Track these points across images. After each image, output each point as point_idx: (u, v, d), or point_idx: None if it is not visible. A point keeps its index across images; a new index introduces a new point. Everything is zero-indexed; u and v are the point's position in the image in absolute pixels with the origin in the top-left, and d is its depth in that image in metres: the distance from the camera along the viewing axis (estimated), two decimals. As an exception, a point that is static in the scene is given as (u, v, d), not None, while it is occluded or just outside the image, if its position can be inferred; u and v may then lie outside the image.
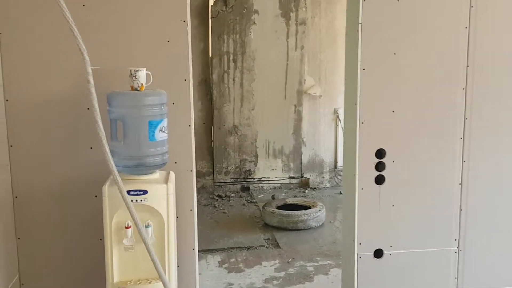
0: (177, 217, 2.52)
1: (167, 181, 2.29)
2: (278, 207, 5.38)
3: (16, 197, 2.52)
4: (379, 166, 2.85)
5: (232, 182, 6.58)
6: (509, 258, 3.05)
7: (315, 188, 6.72)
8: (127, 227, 2.19)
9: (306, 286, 3.93)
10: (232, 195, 6.41)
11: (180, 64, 2.56)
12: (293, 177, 6.73)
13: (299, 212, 5.16)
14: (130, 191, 2.18)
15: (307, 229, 5.10)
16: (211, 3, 6.24)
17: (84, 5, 2.45)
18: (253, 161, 6.59)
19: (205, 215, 5.61)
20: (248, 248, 4.66)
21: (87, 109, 2.31)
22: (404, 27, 2.76)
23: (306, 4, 6.38)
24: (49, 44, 2.45)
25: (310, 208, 5.33)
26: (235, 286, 3.93)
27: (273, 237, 4.93)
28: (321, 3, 6.45)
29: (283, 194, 6.42)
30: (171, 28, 2.53)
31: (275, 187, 6.66)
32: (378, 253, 2.91)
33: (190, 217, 2.68)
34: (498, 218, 3.02)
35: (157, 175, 2.36)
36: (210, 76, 6.36)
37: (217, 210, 5.84)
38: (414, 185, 2.90)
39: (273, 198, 6.03)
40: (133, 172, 2.30)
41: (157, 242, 2.26)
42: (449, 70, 2.84)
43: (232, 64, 6.34)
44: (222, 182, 6.56)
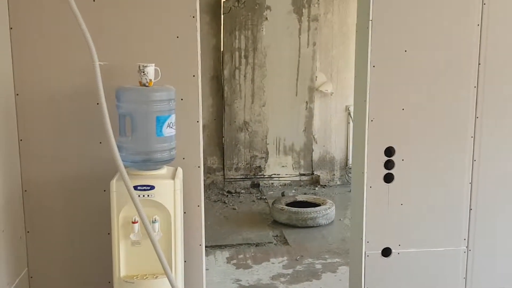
0: (184, 213, 2.53)
1: (174, 177, 2.30)
2: (287, 204, 5.37)
3: (25, 190, 2.55)
4: (388, 164, 2.83)
5: (242, 178, 6.58)
6: (519, 258, 3.02)
7: (325, 185, 6.70)
8: (134, 222, 2.21)
9: (314, 283, 3.92)
10: (242, 191, 6.41)
11: (189, 60, 2.56)
12: (304, 174, 6.71)
13: (308, 209, 5.14)
14: (137, 186, 2.19)
15: (316, 226, 5.09)
16: (223, -1, 6.24)
17: (94, 1, 2.46)
18: (263, 157, 6.58)
19: (215, 211, 5.62)
20: (256, 245, 4.66)
21: (96, 104, 2.32)
22: (415, 24, 2.73)
23: (318, 0, 6.34)
24: (59, 39, 2.47)
25: (320, 205, 5.31)
26: (243, 282, 3.94)
27: (282, 234, 4.92)
28: (334, 0, 6.41)
29: (293, 191, 6.41)
30: (180, 24, 2.53)
31: (285, 184, 6.65)
32: (386, 252, 2.89)
33: (198, 213, 2.68)
34: (508, 218, 2.98)
35: (165, 170, 2.37)
36: (222, 72, 6.36)
37: (226, 206, 5.85)
38: (424, 184, 2.87)
39: (283, 195, 6.02)
40: (141, 168, 2.31)
41: (164, 238, 2.27)
42: (460, 67, 2.80)
43: (243, 60, 6.34)
44: (232, 178, 6.56)
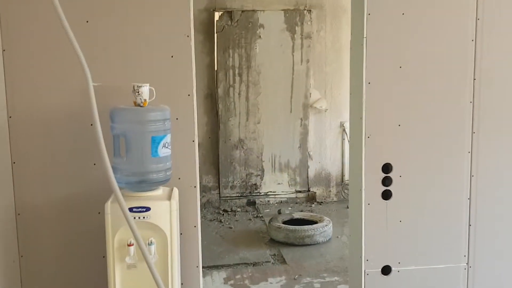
0: (180, 234, 2.49)
1: (170, 198, 2.26)
2: (284, 222, 5.32)
3: (18, 214, 2.50)
4: (386, 181, 2.81)
5: (238, 196, 6.54)
6: (520, 274, 2.99)
7: (322, 202, 6.66)
8: (129, 245, 2.16)
9: (313, 303, 3.87)
10: (238, 209, 6.36)
11: (184, 79, 2.55)
12: (300, 191, 6.68)
13: (305, 227, 5.10)
14: (132, 208, 2.15)
15: (314, 244, 5.04)
16: (216, 18, 6.26)
17: (87, 22, 2.45)
18: (259, 175, 6.55)
19: (211, 230, 5.57)
20: (254, 264, 4.61)
21: (90, 125, 2.30)
22: (410, 40, 2.74)
23: (311, 18, 6.38)
24: (52, 61, 2.44)
25: (317, 223, 5.27)
26: (240, 303, 3.88)
27: (279, 253, 4.87)
28: (327, 17, 6.46)
29: (290, 208, 6.36)
30: (174, 43, 2.52)
31: (281, 201, 6.61)
32: (386, 270, 2.85)
33: (194, 234, 2.64)
34: (508, 233, 2.95)
35: (160, 191, 2.33)
36: (216, 90, 6.36)
37: (222, 225, 5.79)
38: (422, 200, 2.85)
39: (279, 212, 5.97)
40: (136, 189, 2.27)
41: (160, 260, 2.23)
42: (456, 83, 2.80)
43: (237, 78, 6.34)
44: (228, 197, 6.52)
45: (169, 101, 2.44)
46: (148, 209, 2.18)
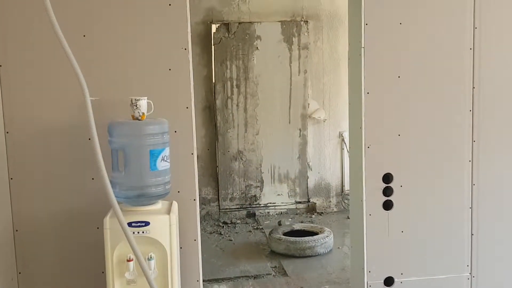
0: (180, 248, 2.46)
1: (169, 212, 2.24)
2: (284, 234, 5.28)
3: (16, 230, 2.48)
4: (387, 191, 2.79)
5: (237, 208, 6.50)
6: (524, 283, 2.96)
7: (322, 213, 6.62)
8: (129, 260, 2.14)
9: (315, 315, 3.83)
10: (238, 221, 6.32)
11: (182, 92, 2.54)
12: (300, 202, 6.65)
13: (306, 238, 5.06)
14: (131, 222, 2.13)
15: (315, 256, 5.00)
16: (213, 30, 6.27)
17: (84, 36, 2.44)
18: (258, 186, 6.52)
19: (211, 243, 5.52)
20: (254, 277, 4.56)
21: (88, 139, 2.27)
22: (408, 50, 2.73)
23: (308, 29, 6.40)
24: (49, 75, 2.44)
25: (318, 234, 5.23)
26: (242, 316, 3.83)
27: (280, 265, 4.83)
28: (323, 28, 6.47)
29: (290, 219, 6.33)
30: (172, 56, 2.51)
31: (281, 213, 6.58)
32: (389, 281, 2.83)
33: (194, 248, 2.62)
34: (511, 241, 2.93)
35: (160, 205, 2.31)
36: (214, 102, 6.35)
37: (222, 237, 5.75)
38: (423, 210, 2.83)
39: (280, 224, 5.94)
40: (135, 203, 2.25)
41: (160, 275, 2.20)
42: (454, 92, 2.80)
43: (235, 90, 6.34)
44: (227, 209, 6.48)
45: (167, 114, 2.43)
46: (147, 223, 2.16)
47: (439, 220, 2.85)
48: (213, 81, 6.35)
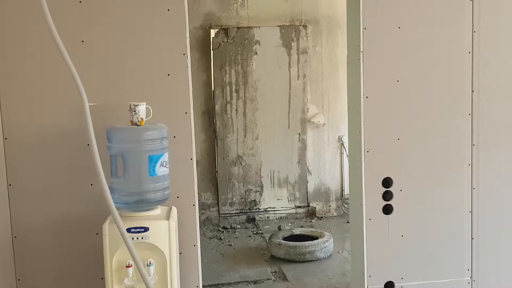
0: (180, 254, 2.45)
1: (168, 217, 2.23)
2: (284, 238, 5.26)
3: (15, 237, 2.47)
4: (387, 195, 2.78)
5: (237, 213, 6.49)
6: (525, 287, 2.95)
7: (322, 217, 6.61)
8: (128, 266, 2.13)
9: (316, 320, 3.81)
10: (238, 226, 6.31)
11: (181, 97, 2.54)
12: (299, 207, 6.63)
13: (306, 243, 5.04)
14: (130, 228, 2.12)
15: (315, 260, 4.98)
16: (212, 35, 6.28)
17: (83, 41, 2.44)
18: (258, 191, 6.51)
19: (211, 248, 5.51)
20: (255, 282, 4.55)
21: (87, 145, 2.27)
22: (406, 54, 2.74)
23: (307, 33, 6.40)
24: (47, 81, 2.43)
25: (318, 238, 5.22)
26: (242, 322, 3.81)
27: (280, 270, 4.81)
28: (322, 32, 6.48)
29: (290, 224, 6.31)
30: (171, 61, 2.51)
31: (281, 217, 6.56)
32: (389, 286, 2.81)
33: (194, 253, 2.61)
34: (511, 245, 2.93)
35: (159, 211, 2.30)
36: (213, 107, 6.35)
37: (222, 242, 5.73)
38: (423, 214, 2.82)
39: (279, 229, 5.92)
40: (134, 209, 2.24)
41: (160, 281, 2.19)
42: (454, 95, 2.80)
43: (234, 95, 6.34)
44: (227, 214, 6.47)
45: (166, 120, 2.42)
46: (146, 229, 2.15)
47: (439, 224, 2.84)
48: (212, 86, 6.35)
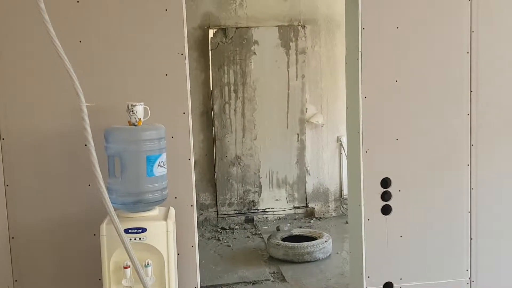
0: (178, 254, 2.44)
1: (166, 218, 2.22)
2: (283, 239, 5.26)
3: (12, 238, 2.46)
4: (385, 196, 2.78)
5: (236, 213, 6.48)
6: (524, 288, 2.95)
7: (320, 217, 6.60)
8: (125, 267, 2.12)
9: (314, 321, 3.80)
10: (236, 227, 6.30)
11: (179, 98, 2.53)
12: (298, 207, 6.63)
13: (305, 243, 5.03)
14: (128, 229, 2.11)
15: (313, 261, 4.97)
16: (210, 35, 6.27)
17: (80, 41, 2.43)
18: (256, 191, 6.50)
19: (209, 249, 5.50)
20: (253, 283, 4.54)
21: (84, 145, 2.26)
22: (405, 54, 2.73)
23: (305, 33, 6.40)
24: (44, 81, 2.42)
25: (316, 239, 5.21)
26: (240, 323, 3.81)
27: (279, 271, 4.80)
28: (321, 32, 6.47)
29: (288, 225, 6.30)
30: (168, 61, 2.50)
31: (279, 218, 6.55)
32: (388, 287, 2.81)
33: (192, 254, 2.60)
34: (510, 246, 2.92)
35: (157, 211, 2.29)
36: (211, 107, 6.34)
37: (221, 243, 5.72)
38: (422, 215, 2.82)
39: (278, 229, 5.91)
40: (132, 209, 2.23)
41: (158, 282, 2.18)
42: (452, 95, 2.79)
43: (233, 95, 6.33)
44: (225, 214, 6.46)
45: (164, 120, 2.41)
46: (144, 230, 2.14)
47: (438, 224, 2.83)
48: (211, 86, 6.34)
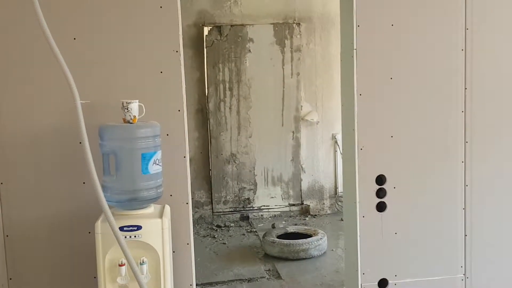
0: (173, 252, 2.44)
1: (162, 215, 2.22)
2: (278, 236, 5.27)
3: (7, 236, 2.45)
4: (380, 193, 2.78)
5: (231, 211, 6.48)
6: (517, 284, 2.96)
7: (315, 215, 6.62)
8: (120, 265, 2.11)
9: (310, 318, 3.81)
10: (232, 224, 6.30)
11: (174, 95, 2.52)
12: (293, 205, 6.64)
13: (300, 241, 5.05)
14: (123, 227, 2.11)
15: (308, 258, 4.99)
16: (205, 32, 6.26)
17: (75, 39, 2.42)
18: (252, 189, 6.50)
19: (204, 247, 5.50)
20: (248, 280, 4.54)
21: (79, 143, 2.25)
22: (400, 51, 2.74)
23: (300, 31, 6.40)
24: (38, 78, 2.41)
25: (311, 236, 5.22)
26: (236, 320, 3.81)
27: (274, 268, 4.81)
28: (315, 30, 6.48)
29: (284, 222, 6.32)
30: (163, 59, 2.50)
31: (275, 215, 6.56)
32: (383, 283, 2.82)
33: (187, 251, 2.60)
34: (505, 243, 2.93)
35: (152, 209, 2.29)
36: (207, 105, 6.33)
37: (216, 241, 5.73)
38: (417, 211, 2.83)
39: (273, 227, 5.92)
40: (127, 207, 2.23)
41: (153, 280, 2.18)
42: (447, 93, 2.80)
43: (228, 93, 6.33)
44: (221, 212, 6.46)
45: (159, 117, 2.41)
46: (139, 227, 2.14)
47: (432, 221, 2.84)
48: (206, 84, 6.33)
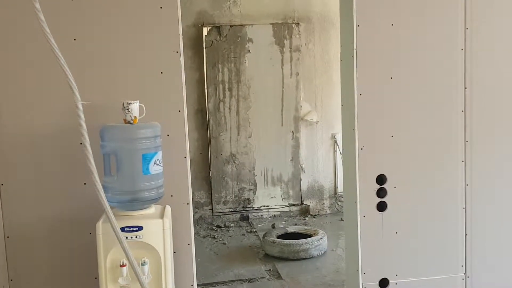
0: (174, 252, 2.44)
1: (163, 216, 2.22)
2: (278, 237, 5.27)
3: (8, 237, 2.45)
4: (381, 192, 2.79)
5: (231, 211, 6.48)
6: (518, 283, 2.97)
7: (315, 215, 6.62)
8: (122, 265, 2.12)
9: (310, 318, 3.81)
10: (232, 225, 6.30)
11: (174, 95, 2.52)
12: (293, 205, 6.64)
13: (300, 241, 5.05)
14: (124, 227, 2.11)
15: (309, 258, 4.99)
16: (205, 33, 6.26)
17: (75, 39, 2.42)
18: (251, 189, 6.51)
19: (204, 247, 5.50)
20: (249, 281, 4.54)
21: (80, 144, 2.25)
22: (400, 51, 2.74)
23: (299, 31, 6.40)
24: (39, 79, 2.41)
25: (312, 236, 5.22)
26: (237, 320, 3.81)
27: (274, 268, 4.81)
28: (315, 30, 6.48)
29: (283, 222, 6.32)
30: (164, 59, 2.50)
31: (275, 216, 6.56)
32: (384, 283, 2.82)
33: (188, 252, 2.60)
34: (505, 242, 2.94)
35: (153, 209, 2.29)
36: (206, 106, 6.33)
37: (216, 241, 5.72)
38: (417, 211, 2.83)
39: (273, 227, 5.92)
40: (128, 208, 2.23)
41: (154, 280, 2.18)
42: (447, 92, 2.80)
43: (227, 93, 6.33)
44: (221, 212, 6.46)
45: (159, 118, 2.41)
46: (140, 228, 2.14)
47: (433, 220, 2.85)
48: (205, 84, 6.33)
